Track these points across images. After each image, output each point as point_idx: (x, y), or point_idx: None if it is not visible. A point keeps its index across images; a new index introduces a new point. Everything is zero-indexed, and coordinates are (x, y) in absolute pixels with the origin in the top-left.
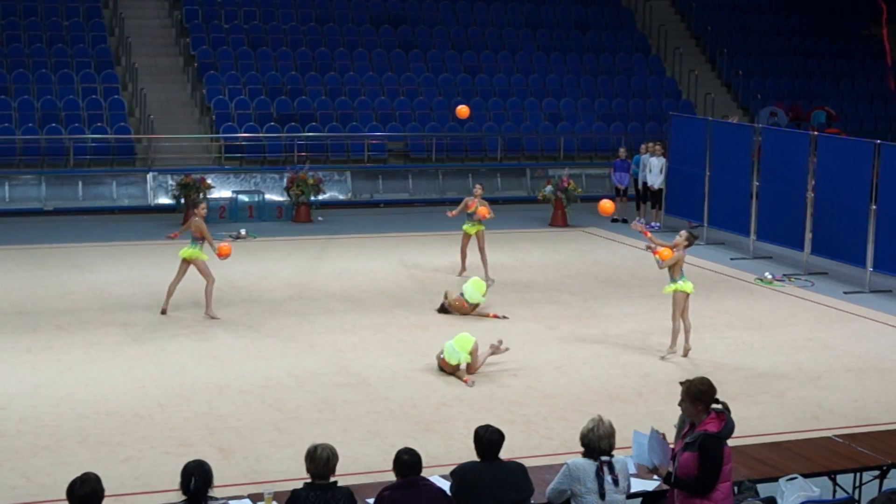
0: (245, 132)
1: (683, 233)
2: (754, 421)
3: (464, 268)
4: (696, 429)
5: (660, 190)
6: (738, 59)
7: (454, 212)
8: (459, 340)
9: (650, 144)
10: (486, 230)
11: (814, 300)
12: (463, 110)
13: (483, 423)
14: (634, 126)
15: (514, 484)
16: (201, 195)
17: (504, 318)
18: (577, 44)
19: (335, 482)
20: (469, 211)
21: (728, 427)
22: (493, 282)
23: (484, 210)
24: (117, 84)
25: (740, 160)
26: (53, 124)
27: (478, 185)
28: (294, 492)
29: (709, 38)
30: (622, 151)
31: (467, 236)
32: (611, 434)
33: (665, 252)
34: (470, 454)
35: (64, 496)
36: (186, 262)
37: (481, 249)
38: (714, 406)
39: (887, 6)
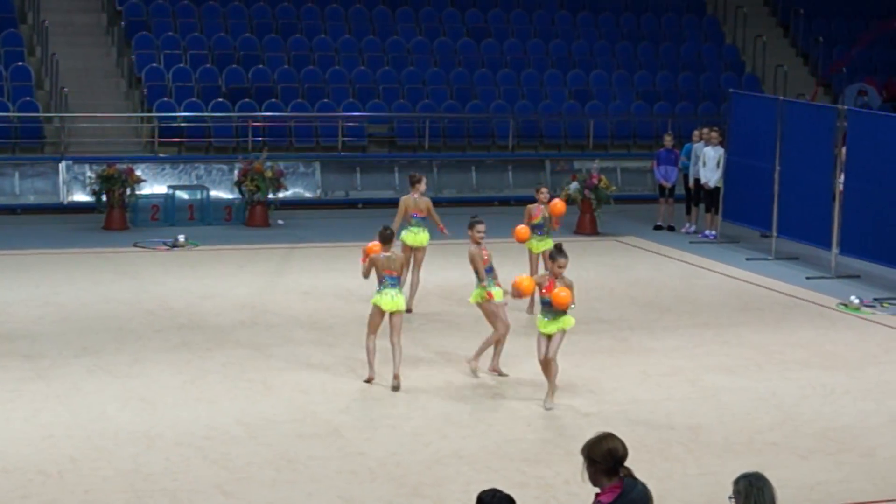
0: (185, 111)
1: None
2: (835, 486)
3: (532, 304)
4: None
5: (716, 189)
6: (819, 23)
7: (524, 230)
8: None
9: (704, 131)
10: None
11: None
12: (558, 206)
13: (488, 487)
14: (684, 107)
15: None
16: (128, 190)
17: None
18: (612, 1)
19: None
20: (534, 221)
21: (626, 499)
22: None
23: (559, 208)
24: (21, 48)
25: (820, 152)
26: None
27: (543, 189)
28: None
29: None
30: (668, 139)
31: (535, 256)
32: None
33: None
34: None
35: None
36: None
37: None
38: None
39: None
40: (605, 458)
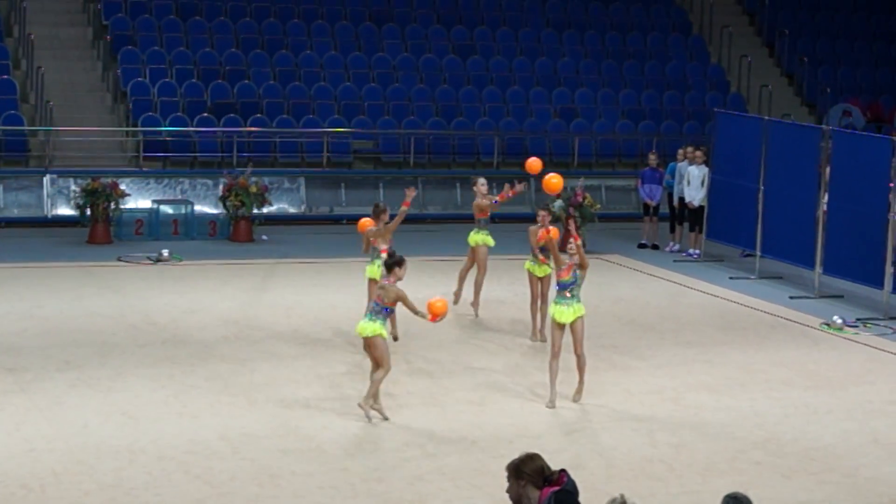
0: (170, 125)
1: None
2: None
3: (535, 331)
4: None
5: (700, 208)
6: (803, 43)
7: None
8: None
9: (689, 150)
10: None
11: (895, 352)
12: (534, 164)
13: None
14: (669, 126)
15: None
16: (113, 204)
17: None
18: (597, 19)
19: None
20: (541, 244)
21: (570, 483)
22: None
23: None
24: (7, 61)
25: (804, 171)
26: None
27: (543, 213)
28: None
29: (766, 16)
30: (653, 158)
31: (535, 279)
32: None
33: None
34: None
35: None
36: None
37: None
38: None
39: None
40: (536, 473)
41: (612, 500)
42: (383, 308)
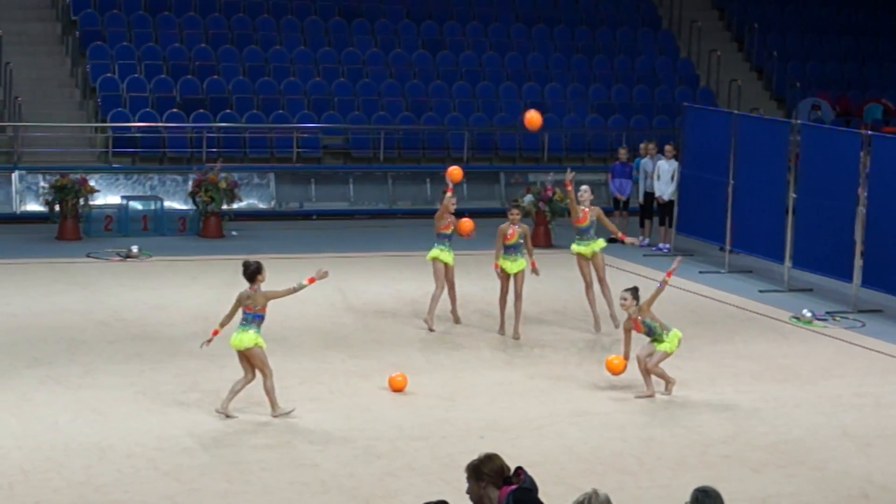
0: (139, 121)
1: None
2: (787, 499)
3: (503, 326)
4: None
5: (670, 202)
6: (773, 38)
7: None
8: None
9: (650, 146)
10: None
11: (864, 345)
12: (534, 118)
13: (439, 499)
14: (639, 120)
15: None
16: (82, 200)
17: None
18: (567, 14)
19: None
20: (509, 242)
21: (528, 480)
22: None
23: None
24: None
25: (773, 165)
26: None
27: (514, 210)
28: None
29: (735, 10)
30: (623, 153)
31: (506, 276)
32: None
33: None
34: None
35: None
36: None
37: (518, 295)
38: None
39: None
40: (496, 473)
41: (584, 495)
42: (255, 315)
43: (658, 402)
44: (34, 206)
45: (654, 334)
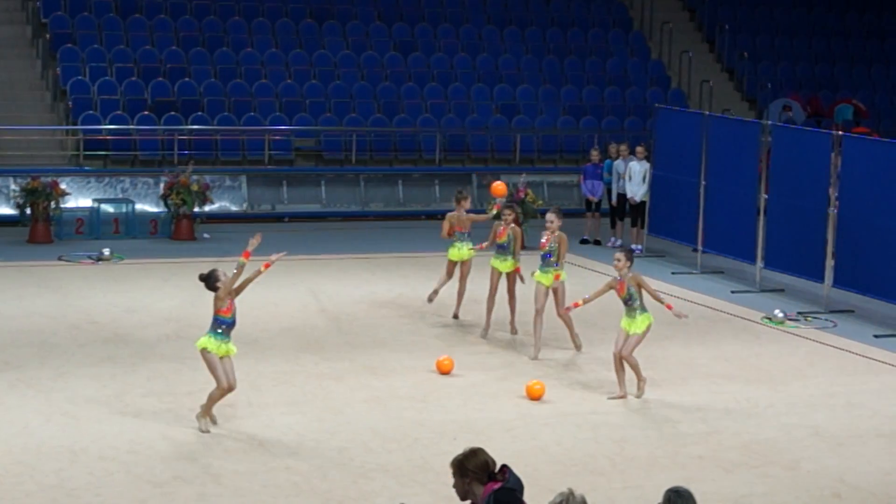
0: (110, 124)
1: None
2: (759, 499)
3: (488, 327)
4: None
5: (642, 203)
6: (743, 38)
7: (484, 244)
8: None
9: (622, 148)
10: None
11: (836, 345)
12: (498, 186)
13: (412, 501)
14: (611, 121)
15: None
16: (53, 203)
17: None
18: (538, 15)
19: None
20: (500, 241)
21: (513, 479)
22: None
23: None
24: None
25: (744, 166)
26: None
27: (507, 211)
28: None
29: (706, 11)
30: (595, 154)
31: (497, 275)
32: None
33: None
34: None
35: None
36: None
37: (511, 294)
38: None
39: None
40: (480, 468)
41: (560, 495)
42: (216, 318)
43: (630, 403)
44: (5, 210)
45: (631, 302)
